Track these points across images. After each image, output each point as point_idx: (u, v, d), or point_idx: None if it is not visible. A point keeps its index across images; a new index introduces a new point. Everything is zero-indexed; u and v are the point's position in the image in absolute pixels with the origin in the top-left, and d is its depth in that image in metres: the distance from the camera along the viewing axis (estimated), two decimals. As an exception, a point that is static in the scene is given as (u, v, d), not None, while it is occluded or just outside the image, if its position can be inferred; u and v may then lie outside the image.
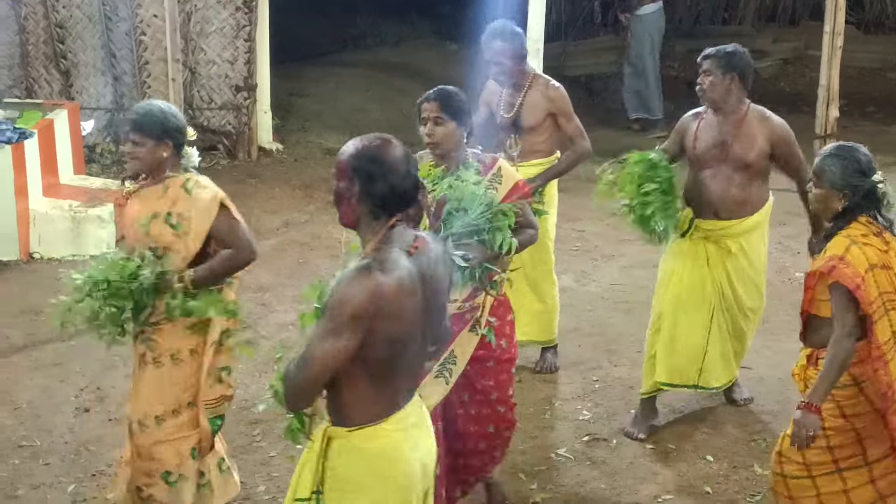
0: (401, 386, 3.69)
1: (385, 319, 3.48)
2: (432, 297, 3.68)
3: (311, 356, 3.50)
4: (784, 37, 16.54)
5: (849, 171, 4.62)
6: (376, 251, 3.57)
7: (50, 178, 9.19)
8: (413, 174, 3.67)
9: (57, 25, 11.00)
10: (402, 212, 3.63)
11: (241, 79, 11.41)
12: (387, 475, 3.67)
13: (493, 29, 6.81)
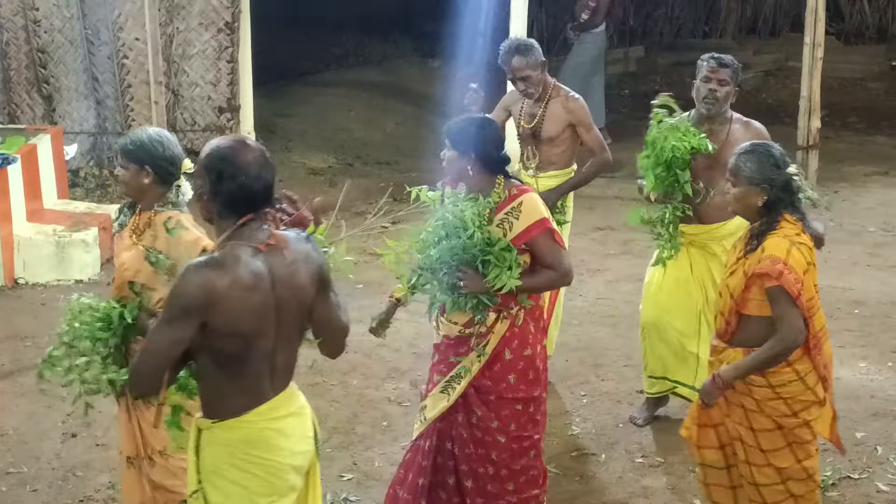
0: (262, 379, 3.78)
1: (222, 314, 3.59)
2: (287, 293, 3.76)
3: (148, 345, 3.68)
4: (765, 49, 16.62)
5: (765, 165, 4.68)
6: (221, 248, 3.70)
7: (34, 203, 9.17)
8: (265, 177, 3.74)
9: (39, 50, 10.99)
10: (255, 211, 3.72)
11: (224, 100, 11.41)
12: (251, 465, 3.79)
13: (508, 47, 6.91)
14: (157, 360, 3.65)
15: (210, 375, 3.77)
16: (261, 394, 3.79)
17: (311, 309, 3.92)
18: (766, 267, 4.56)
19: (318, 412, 6.57)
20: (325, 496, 5.76)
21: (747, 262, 4.67)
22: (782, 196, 4.68)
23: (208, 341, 3.65)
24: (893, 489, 5.90)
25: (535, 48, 6.88)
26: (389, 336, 7.78)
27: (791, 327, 4.58)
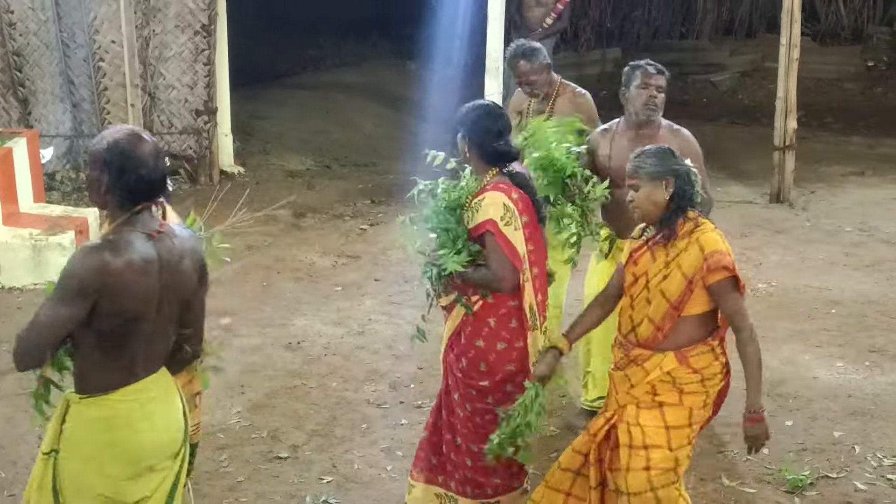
0: (136, 360, 3.91)
1: (112, 294, 3.73)
2: (171, 280, 3.91)
3: (38, 321, 3.76)
4: (741, 50, 16.69)
5: (664, 158, 4.67)
6: (114, 233, 3.84)
7: (9, 206, 9.13)
8: (159, 168, 3.91)
9: (14, 53, 10.95)
10: (149, 201, 3.89)
11: (202, 102, 11.40)
12: (111, 443, 3.91)
13: (514, 51, 7.03)
14: (47, 335, 3.77)
15: (87, 352, 3.88)
16: (132, 374, 3.92)
17: (191, 298, 4.08)
18: (719, 261, 4.56)
19: (297, 415, 6.62)
20: (305, 499, 5.77)
21: (682, 263, 4.62)
22: (686, 187, 4.64)
23: (94, 319, 3.77)
24: (871, 488, 5.92)
25: (539, 52, 6.99)
26: (368, 337, 7.82)
27: (746, 315, 4.66)
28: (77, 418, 3.94)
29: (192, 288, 4.05)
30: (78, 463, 3.94)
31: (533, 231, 5.11)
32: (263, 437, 6.39)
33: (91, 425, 3.92)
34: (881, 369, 7.35)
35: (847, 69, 16.09)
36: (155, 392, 4.00)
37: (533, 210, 5.14)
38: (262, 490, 5.89)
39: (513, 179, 5.12)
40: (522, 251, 5.03)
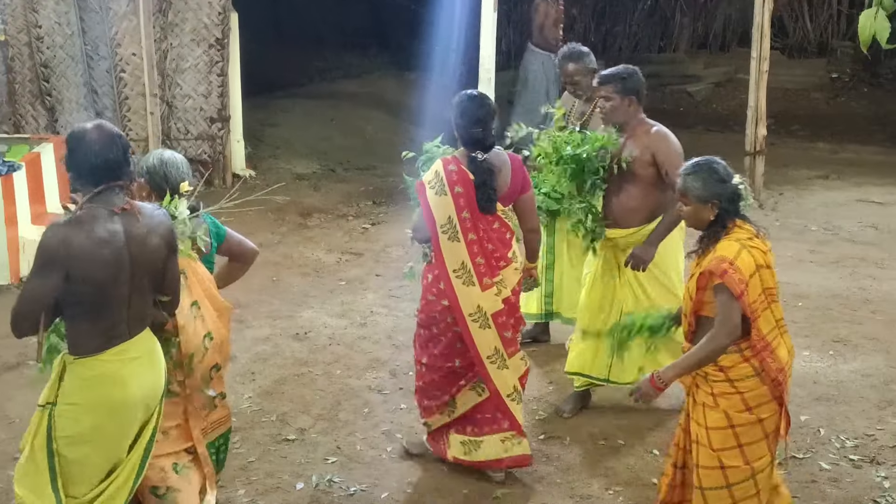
0: (117, 324, 4.16)
1: (78, 263, 3.97)
2: (139, 251, 4.15)
3: (23, 294, 4.07)
4: (715, 62, 16.70)
5: (710, 183, 4.60)
6: (80, 210, 4.08)
7: (37, 207, 9.12)
8: (116, 153, 4.13)
9: (42, 65, 10.94)
10: (107, 181, 4.10)
11: (215, 111, 11.39)
12: (102, 398, 4.17)
13: (565, 53, 7.27)
14: (31, 304, 4.05)
15: (74, 319, 4.14)
16: (116, 337, 4.17)
17: (162, 268, 4.30)
18: (713, 265, 4.50)
19: (303, 400, 6.62)
20: (311, 478, 5.77)
21: (702, 265, 4.61)
22: (731, 207, 4.62)
23: (70, 287, 4.00)
24: (835, 468, 5.93)
25: (587, 56, 7.18)
26: (370, 328, 7.82)
27: (726, 323, 4.48)
28: (73, 377, 4.17)
29: (161, 258, 4.27)
30: (72, 415, 4.16)
31: (469, 202, 5.39)
32: (273, 420, 6.39)
33: (84, 383, 4.16)
34: (844, 358, 7.36)
35: (813, 80, 16.10)
36: (137, 353, 4.24)
37: (472, 187, 5.40)
38: (272, 469, 5.89)
39: (471, 162, 5.41)
40: (446, 214, 5.40)
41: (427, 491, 5.71)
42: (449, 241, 5.40)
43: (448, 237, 5.40)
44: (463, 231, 5.39)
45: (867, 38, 3.05)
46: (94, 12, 10.86)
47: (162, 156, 4.91)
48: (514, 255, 5.60)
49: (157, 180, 4.83)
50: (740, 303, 4.46)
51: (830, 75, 16.21)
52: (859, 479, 5.82)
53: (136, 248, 4.13)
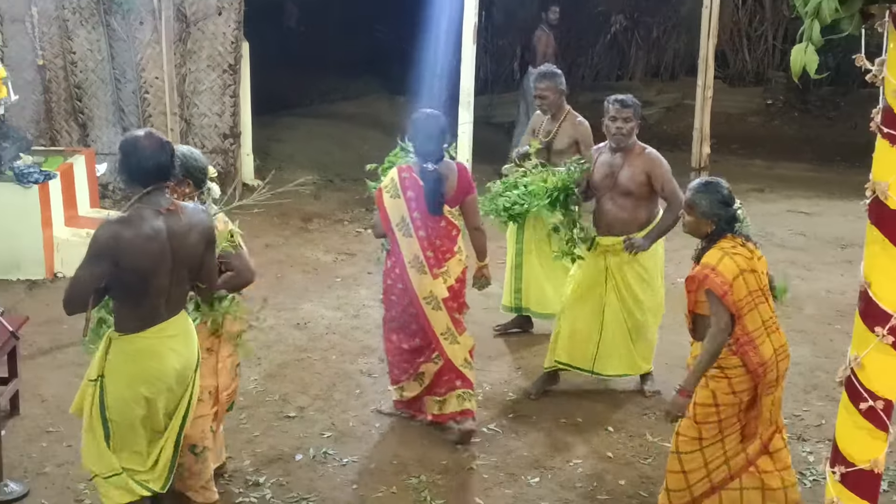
0: (157, 307, 4.21)
1: (126, 256, 4.03)
2: (180, 246, 4.18)
3: (74, 277, 4.13)
4: (666, 89, 16.71)
5: (714, 203, 4.65)
6: (129, 210, 4.15)
7: (70, 210, 9.07)
8: (159, 159, 4.14)
9: (75, 86, 10.88)
10: (154, 184, 4.14)
11: (228, 128, 11.34)
12: (142, 369, 4.23)
13: (540, 72, 7.29)
14: (82, 287, 4.11)
15: (120, 301, 4.24)
16: (156, 317, 4.22)
17: (201, 261, 4.34)
18: (696, 271, 4.59)
19: (303, 382, 6.60)
20: (309, 450, 5.75)
21: (692, 271, 4.67)
22: (726, 228, 4.66)
23: (118, 275, 4.07)
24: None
25: (557, 76, 7.15)
26: (362, 319, 7.80)
27: (717, 321, 4.54)
28: (116, 351, 4.24)
29: (199, 252, 4.31)
30: (119, 385, 4.23)
31: (419, 205, 5.64)
32: (276, 399, 6.37)
33: (126, 357, 4.23)
34: (776, 348, 7.37)
35: (750, 106, 16.12)
36: (174, 331, 4.29)
37: (422, 192, 5.65)
38: (274, 443, 5.87)
39: (422, 171, 5.67)
40: (399, 214, 5.68)
41: (410, 462, 5.70)
42: (403, 237, 5.69)
43: (402, 234, 5.68)
44: (415, 228, 5.67)
45: (798, 69, 3.05)
46: (121, 41, 10.80)
47: (186, 151, 4.92)
48: (460, 249, 5.83)
49: (197, 176, 4.89)
50: (724, 302, 4.50)
51: (766, 102, 16.24)
52: (788, 454, 5.82)
53: (177, 243, 4.17)
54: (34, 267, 8.52)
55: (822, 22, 2.96)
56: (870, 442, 3.32)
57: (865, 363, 3.26)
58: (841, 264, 9.36)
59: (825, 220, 10.92)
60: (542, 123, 7.22)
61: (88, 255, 4.07)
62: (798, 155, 14.18)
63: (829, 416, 6.17)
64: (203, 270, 4.40)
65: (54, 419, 6.13)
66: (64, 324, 7.53)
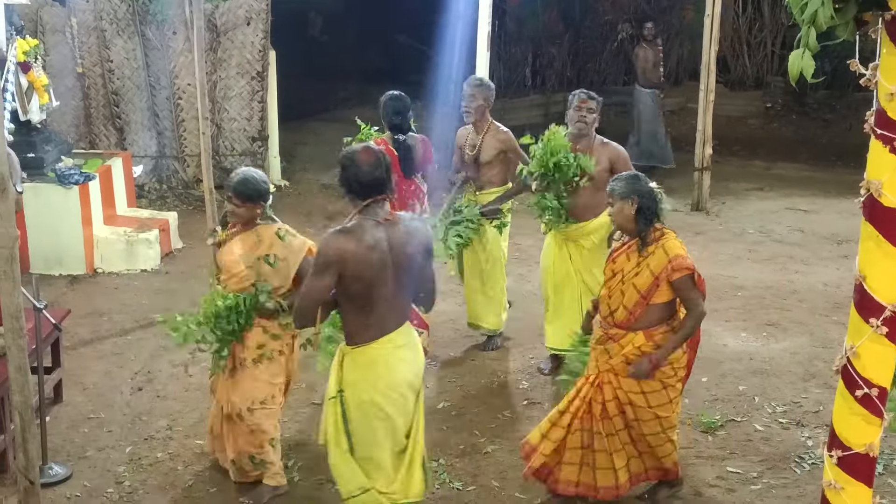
0: (384, 317, 4.10)
1: (350, 265, 3.95)
2: (400, 255, 4.07)
3: (303, 292, 4.07)
4: (670, 94, 16.57)
5: (630, 182, 4.69)
6: (351, 221, 4.06)
7: (108, 210, 9.12)
8: (377, 173, 4.06)
9: (113, 93, 10.93)
10: (373, 196, 4.06)
11: (256, 131, 11.38)
12: (376, 378, 4.13)
13: (469, 79, 7.00)
14: (310, 301, 4.02)
15: (349, 314, 4.13)
16: (385, 328, 4.13)
17: (420, 270, 4.19)
18: (677, 263, 4.58)
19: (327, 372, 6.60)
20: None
21: (651, 264, 4.63)
22: (649, 203, 4.64)
23: (344, 287, 4.01)
24: (767, 429, 5.94)
25: (484, 84, 6.86)
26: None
27: (699, 305, 4.63)
28: (350, 363, 4.17)
29: (419, 261, 4.16)
30: (358, 395, 4.15)
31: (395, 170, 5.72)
32: (303, 388, 6.39)
33: (360, 367, 4.15)
34: (775, 339, 7.36)
35: (750, 109, 16.04)
36: (402, 341, 4.19)
37: (396, 159, 6.05)
38: (301, 428, 5.90)
39: (394, 142, 6.27)
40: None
41: (429, 446, 5.67)
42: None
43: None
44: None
45: (795, 73, 3.04)
46: (156, 49, 10.85)
47: (256, 175, 4.90)
48: (425, 210, 6.42)
49: (267, 197, 4.89)
50: (701, 286, 4.63)
51: (765, 105, 16.16)
52: (787, 439, 5.82)
53: (397, 252, 4.06)
54: (75, 263, 8.57)
55: (819, 29, 2.96)
56: (865, 427, 3.32)
57: (861, 352, 3.26)
58: (837, 259, 9.32)
59: (822, 218, 10.88)
60: (467, 138, 6.93)
61: (315, 268, 4.01)
62: (796, 155, 14.11)
63: (826, 403, 6.15)
64: (423, 279, 4.26)
65: (95, 406, 6.17)
66: (104, 316, 7.59)
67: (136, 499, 5.14)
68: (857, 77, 3.08)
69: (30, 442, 4.11)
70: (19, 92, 8.18)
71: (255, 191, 4.84)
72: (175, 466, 5.46)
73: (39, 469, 4.70)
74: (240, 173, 4.91)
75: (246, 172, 4.93)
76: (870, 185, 3.14)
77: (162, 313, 5.16)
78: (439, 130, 7.29)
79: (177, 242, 9.46)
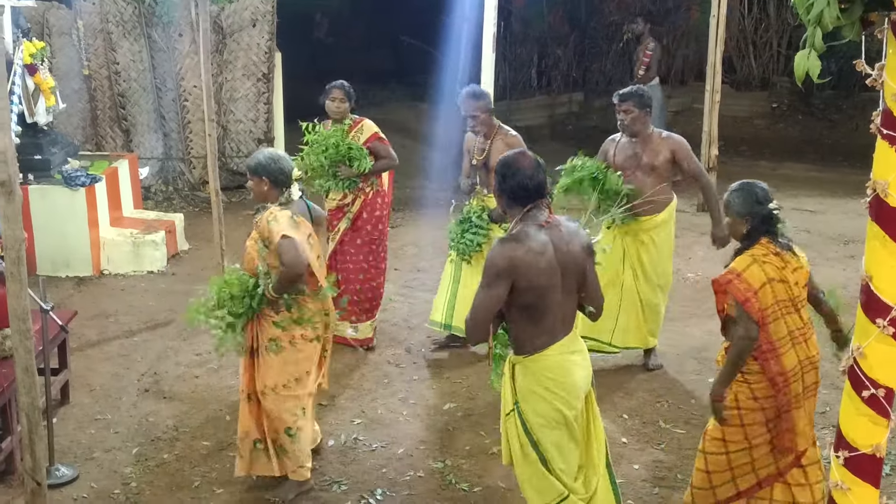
0: (554, 323, 4.05)
1: (522, 273, 3.90)
2: (566, 258, 4.02)
3: (476, 304, 3.96)
4: (676, 94, 16.62)
5: (748, 202, 4.45)
6: (515, 228, 4.02)
7: (115, 211, 9.14)
8: (538, 177, 4.04)
9: (119, 95, 10.95)
10: (534, 201, 4.02)
11: (262, 133, 11.40)
12: (553, 385, 4.07)
13: (466, 91, 6.83)
14: (484, 313, 3.95)
15: (519, 323, 4.06)
16: (555, 334, 4.07)
17: (584, 272, 4.13)
18: (721, 277, 4.41)
19: (335, 372, 6.63)
20: (340, 436, 5.77)
21: (720, 275, 4.48)
22: (761, 227, 4.45)
23: (516, 296, 3.94)
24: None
25: (485, 95, 6.76)
26: (389, 313, 7.81)
27: (740, 326, 4.35)
28: (523, 373, 4.10)
29: (582, 262, 4.11)
30: (536, 405, 4.09)
31: None
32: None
33: (535, 376, 4.08)
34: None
35: (756, 110, 16.02)
36: (573, 347, 4.15)
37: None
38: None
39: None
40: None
41: (436, 447, 5.72)
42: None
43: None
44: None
45: (801, 74, 3.04)
46: (162, 52, 10.88)
47: (271, 154, 5.00)
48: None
49: (274, 175, 4.92)
50: (746, 309, 4.32)
51: (771, 105, 16.14)
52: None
53: (562, 255, 4.02)
54: (82, 265, 8.59)
55: (825, 29, 2.95)
56: (872, 428, 3.30)
57: (867, 353, 3.25)
58: (843, 259, 9.31)
59: (828, 218, 10.86)
60: (475, 144, 6.87)
61: (487, 279, 3.93)
62: (802, 156, 14.09)
63: (833, 404, 6.13)
64: (587, 282, 4.17)
65: (102, 407, 6.18)
66: (110, 318, 7.60)
67: (142, 500, 5.15)
68: (864, 77, 3.07)
69: (37, 443, 4.12)
70: (26, 94, 8.20)
71: (257, 163, 4.93)
72: (182, 467, 5.46)
73: (46, 470, 4.69)
74: (257, 152, 5.10)
75: (260, 150, 5.15)
76: (876, 186, 3.13)
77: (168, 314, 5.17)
78: (444, 132, 7.28)
79: (183, 244, 9.47)
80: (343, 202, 6.99)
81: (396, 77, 16.79)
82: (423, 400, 6.30)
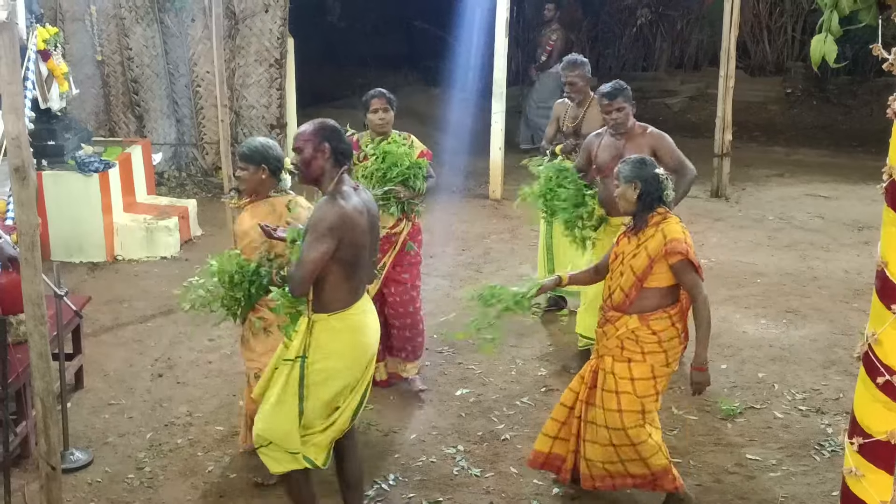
0: (361, 282, 4.27)
1: (348, 230, 4.07)
2: (372, 220, 4.27)
3: (305, 260, 4.06)
4: (689, 79, 16.56)
5: (635, 167, 4.68)
6: (335, 188, 4.15)
7: (128, 197, 9.16)
8: (348, 142, 4.30)
9: (132, 80, 10.96)
10: (347, 164, 4.24)
11: (274, 119, 11.38)
12: (353, 344, 4.25)
13: (568, 59, 7.25)
14: (313, 269, 4.07)
15: (332, 281, 4.15)
16: (358, 294, 4.26)
17: (376, 238, 4.41)
18: (672, 246, 4.56)
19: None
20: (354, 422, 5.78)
21: (648, 246, 4.62)
22: (651, 189, 4.63)
23: (337, 252, 4.07)
24: (786, 416, 5.92)
25: (585, 64, 7.15)
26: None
27: (701, 288, 4.60)
28: (324, 329, 4.20)
29: (376, 228, 4.40)
30: (327, 362, 4.21)
31: None
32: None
33: (336, 333, 4.21)
34: (795, 325, 7.32)
35: (771, 95, 15.93)
36: (367, 306, 4.36)
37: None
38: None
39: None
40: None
41: (448, 433, 5.73)
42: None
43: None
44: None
45: (818, 58, 3.02)
46: (175, 37, 10.87)
47: (265, 142, 4.98)
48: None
49: (273, 164, 4.93)
50: (699, 271, 4.61)
51: (785, 91, 16.04)
52: (807, 426, 5.80)
53: (371, 218, 4.26)
54: (95, 250, 8.62)
55: (841, 13, 2.94)
56: (886, 414, 3.30)
57: (882, 339, 3.24)
58: (858, 245, 9.26)
59: (843, 204, 10.80)
60: (567, 111, 7.18)
61: (316, 236, 4.04)
62: (816, 141, 14.01)
63: (846, 390, 6.12)
64: (375, 244, 4.48)
65: (116, 392, 6.21)
66: (124, 303, 7.63)
67: (156, 484, 5.18)
68: (879, 62, 3.05)
69: (51, 428, 4.14)
70: (39, 80, 8.21)
71: (256, 152, 4.89)
72: (195, 452, 5.49)
73: (61, 455, 4.73)
74: (248, 140, 5.07)
75: (252, 138, 5.13)
76: (892, 171, 3.11)
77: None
78: (457, 117, 7.28)
79: (196, 230, 9.50)
80: (393, 231, 5.98)
81: (409, 62, 16.74)
82: (435, 386, 6.30)
